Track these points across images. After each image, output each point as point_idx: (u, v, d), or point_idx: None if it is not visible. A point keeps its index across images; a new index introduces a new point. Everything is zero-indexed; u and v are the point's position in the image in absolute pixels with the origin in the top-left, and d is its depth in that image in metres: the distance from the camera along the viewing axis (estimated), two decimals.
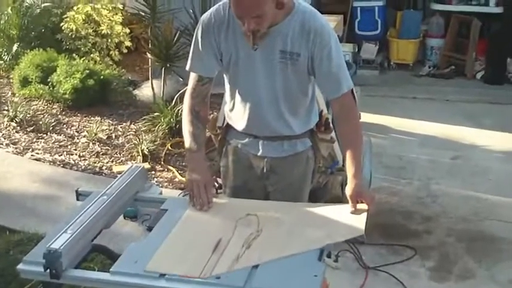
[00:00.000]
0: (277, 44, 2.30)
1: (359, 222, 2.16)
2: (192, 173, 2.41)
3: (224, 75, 2.51)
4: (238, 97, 2.48)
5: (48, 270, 1.91)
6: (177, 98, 5.63)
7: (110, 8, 6.91)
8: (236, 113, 2.53)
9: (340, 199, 2.80)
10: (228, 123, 2.62)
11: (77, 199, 2.50)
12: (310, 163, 2.60)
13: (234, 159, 2.61)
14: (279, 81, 2.37)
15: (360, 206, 2.23)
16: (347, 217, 2.20)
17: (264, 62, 2.34)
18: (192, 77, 2.47)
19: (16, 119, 5.69)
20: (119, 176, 2.49)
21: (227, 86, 2.53)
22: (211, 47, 2.38)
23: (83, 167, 4.96)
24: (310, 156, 2.58)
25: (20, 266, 1.99)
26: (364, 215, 2.19)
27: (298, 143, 2.54)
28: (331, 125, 2.79)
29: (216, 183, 2.78)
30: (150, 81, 6.10)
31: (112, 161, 5.08)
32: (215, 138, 2.73)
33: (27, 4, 7.04)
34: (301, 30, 2.28)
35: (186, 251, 2.03)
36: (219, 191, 2.67)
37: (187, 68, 2.49)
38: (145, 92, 6.38)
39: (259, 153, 2.54)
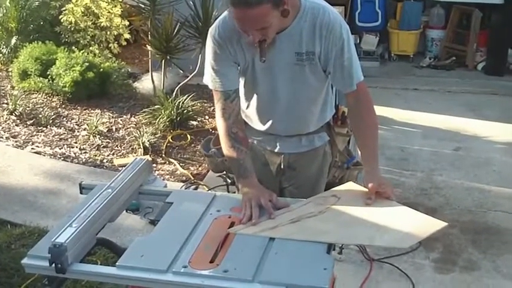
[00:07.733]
0: (292, 46, 2.23)
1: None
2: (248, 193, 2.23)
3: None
4: (255, 99, 2.42)
5: (53, 265, 1.88)
6: (177, 90, 5.62)
7: (109, 0, 6.87)
8: (253, 114, 2.47)
9: None
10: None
11: (81, 192, 2.47)
12: (327, 158, 2.57)
13: (250, 155, 2.54)
14: (298, 83, 2.32)
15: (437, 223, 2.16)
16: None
17: (281, 67, 2.28)
18: (218, 97, 2.33)
19: (16, 112, 5.66)
20: (123, 169, 2.46)
21: (241, 88, 2.43)
22: (228, 59, 2.29)
23: (83, 160, 4.93)
24: (327, 150, 2.56)
25: (25, 261, 1.96)
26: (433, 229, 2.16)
27: (316, 138, 2.51)
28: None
29: (228, 179, 2.72)
30: (150, 73, 6.07)
31: (113, 154, 5.05)
32: None
33: None
34: (312, 27, 2.20)
35: None
36: (231, 187, 2.62)
37: (210, 86, 2.35)
38: (145, 84, 6.35)
39: (276, 150, 2.50)
